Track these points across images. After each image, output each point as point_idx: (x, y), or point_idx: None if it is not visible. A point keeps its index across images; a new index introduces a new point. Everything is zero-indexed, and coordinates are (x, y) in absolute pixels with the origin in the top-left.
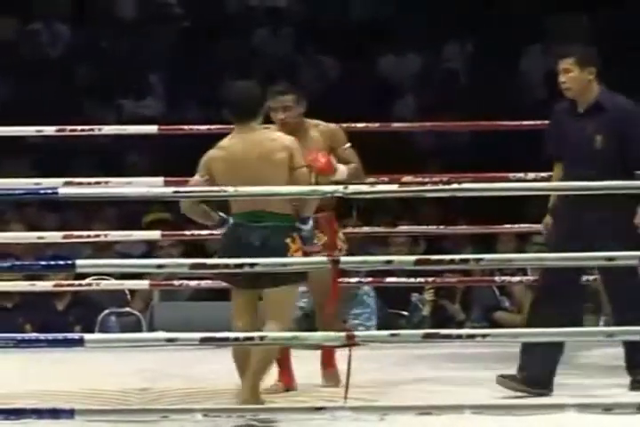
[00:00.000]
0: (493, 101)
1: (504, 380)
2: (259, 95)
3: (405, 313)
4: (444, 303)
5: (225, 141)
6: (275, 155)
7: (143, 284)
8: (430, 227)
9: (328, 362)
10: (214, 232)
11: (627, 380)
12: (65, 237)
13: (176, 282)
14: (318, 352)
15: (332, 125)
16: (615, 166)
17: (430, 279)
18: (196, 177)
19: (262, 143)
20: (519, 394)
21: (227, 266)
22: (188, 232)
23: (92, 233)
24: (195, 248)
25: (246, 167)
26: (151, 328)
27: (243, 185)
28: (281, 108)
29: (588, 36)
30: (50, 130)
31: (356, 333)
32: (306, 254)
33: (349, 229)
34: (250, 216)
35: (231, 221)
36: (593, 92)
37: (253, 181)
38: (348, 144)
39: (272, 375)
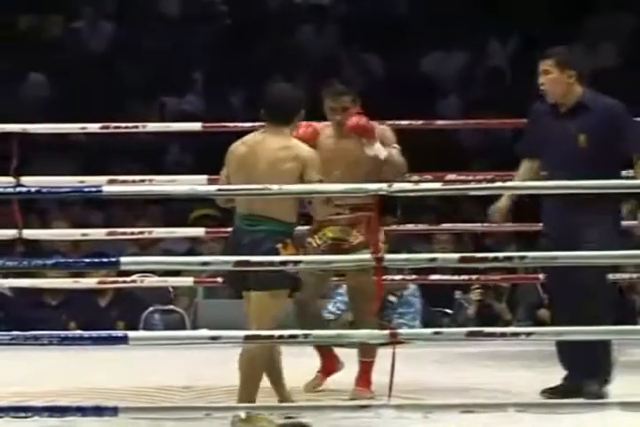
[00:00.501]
0: (537, 99)
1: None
2: (298, 100)
3: (449, 311)
4: (491, 303)
5: (249, 137)
6: (283, 164)
7: (187, 281)
8: (474, 224)
9: (363, 382)
10: None
11: None
12: (109, 234)
13: (220, 279)
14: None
15: (382, 126)
16: (598, 165)
17: (474, 277)
18: (223, 172)
19: (276, 150)
20: None
21: (271, 264)
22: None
23: (135, 230)
24: None
25: (253, 170)
26: (195, 326)
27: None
28: (340, 108)
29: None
30: (94, 127)
31: (400, 331)
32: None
33: (393, 227)
34: (246, 220)
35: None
36: (574, 94)
37: (253, 184)
38: (397, 146)
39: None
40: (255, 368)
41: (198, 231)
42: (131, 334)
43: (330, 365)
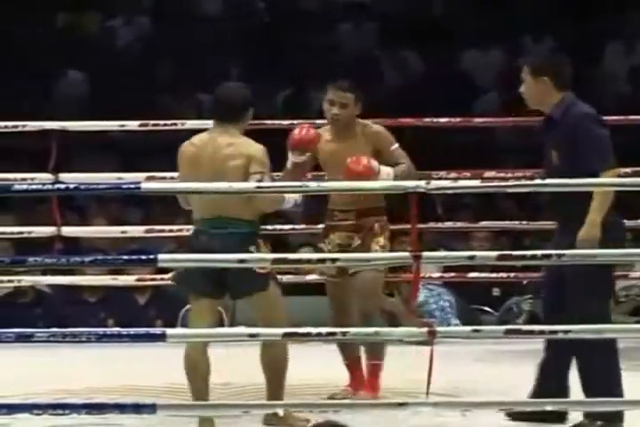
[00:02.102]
0: (582, 95)
1: None
2: (244, 98)
3: (488, 309)
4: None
5: (197, 138)
6: (230, 161)
7: None
8: (513, 222)
9: (371, 386)
10: (297, 227)
11: None
12: (147, 231)
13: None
14: (401, 348)
15: (377, 127)
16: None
17: (512, 275)
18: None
19: (222, 149)
20: None
21: (309, 261)
22: (270, 227)
23: (174, 227)
24: (278, 243)
25: (202, 169)
26: (233, 323)
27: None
28: (338, 103)
29: None
30: (133, 124)
31: (438, 328)
32: None
33: (432, 224)
34: (211, 223)
35: (194, 227)
36: (550, 103)
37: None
38: (396, 145)
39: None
40: (279, 368)
41: None
42: (169, 331)
43: (358, 382)
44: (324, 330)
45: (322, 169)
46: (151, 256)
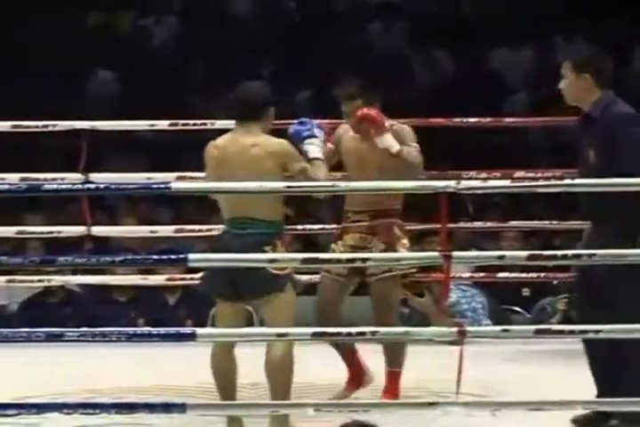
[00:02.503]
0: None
1: None
2: (264, 96)
3: (518, 309)
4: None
5: (220, 140)
6: (258, 163)
7: None
8: (543, 222)
9: (390, 393)
10: (326, 226)
11: None
12: (177, 231)
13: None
14: (432, 348)
15: (405, 126)
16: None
17: (542, 275)
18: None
19: (247, 150)
20: None
21: (339, 261)
22: (300, 226)
23: (204, 227)
24: (308, 242)
25: (230, 172)
26: (263, 323)
27: (224, 194)
28: (352, 112)
29: None
30: (163, 124)
31: (468, 328)
32: None
33: (462, 224)
34: (234, 223)
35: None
36: (590, 100)
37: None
38: (415, 144)
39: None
40: (286, 375)
41: None
42: (199, 330)
43: (357, 377)
44: (354, 330)
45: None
46: (181, 256)
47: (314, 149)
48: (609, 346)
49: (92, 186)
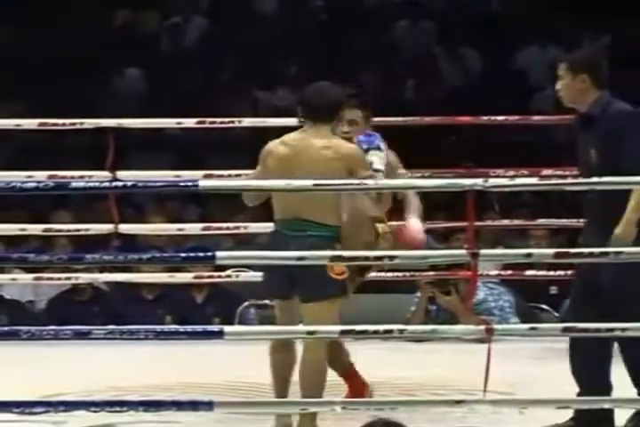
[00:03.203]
0: (635, 93)
1: None
2: (338, 98)
3: (545, 307)
4: None
5: (289, 137)
6: (327, 165)
7: None
8: (570, 220)
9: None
10: None
11: None
12: (204, 228)
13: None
14: (461, 346)
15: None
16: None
17: (570, 273)
18: (257, 169)
19: (318, 151)
20: None
21: (367, 259)
22: None
23: (231, 225)
24: None
25: (297, 171)
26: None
27: (284, 194)
28: (347, 121)
29: None
30: (190, 122)
31: (495, 326)
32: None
33: (489, 222)
34: (291, 225)
35: (273, 227)
36: (587, 101)
37: (295, 192)
38: (403, 171)
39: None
40: (320, 378)
41: None
42: (226, 328)
43: (357, 388)
44: (381, 328)
45: None
46: (209, 254)
47: (377, 160)
48: None
49: (120, 184)
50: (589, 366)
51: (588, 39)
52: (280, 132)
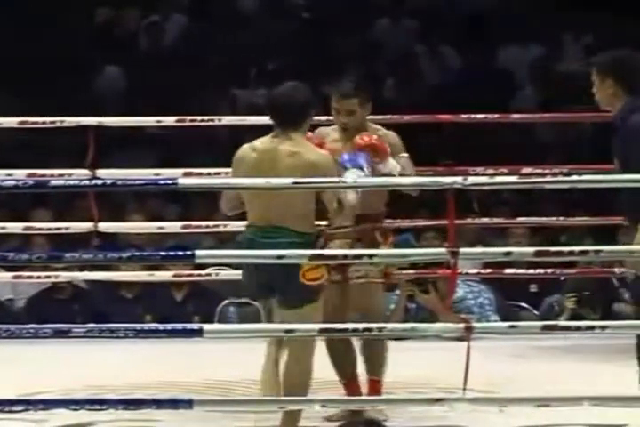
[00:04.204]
0: None
1: None
2: (305, 101)
3: (525, 305)
4: (584, 313)
5: (260, 142)
6: (293, 173)
7: None
8: (550, 218)
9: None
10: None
11: None
12: (184, 227)
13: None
14: (441, 344)
15: (390, 133)
16: (633, 193)
17: (549, 271)
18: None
19: (284, 159)
20: None
21: (345, 257)
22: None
23: (211, 223)
24: None
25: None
26: (270, 319)
27: (256, 200)
28: (345, 111)
29: None
30: (170, 120)
31: (475, 324)
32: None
33: (469, 220)
34: (264, 232)
35: (244, 233)
36: (617, 106)
37: (269, 198)
38: (406, 154)
39: None
40: (305, 380)
41: None
42: (206, 326)
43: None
44: (360, 326)
45: None
46: (189, 252)
47: (353, 177)
48: None
49: (99, 182)
50: None
51: (569, 38)
52: (259, 130)
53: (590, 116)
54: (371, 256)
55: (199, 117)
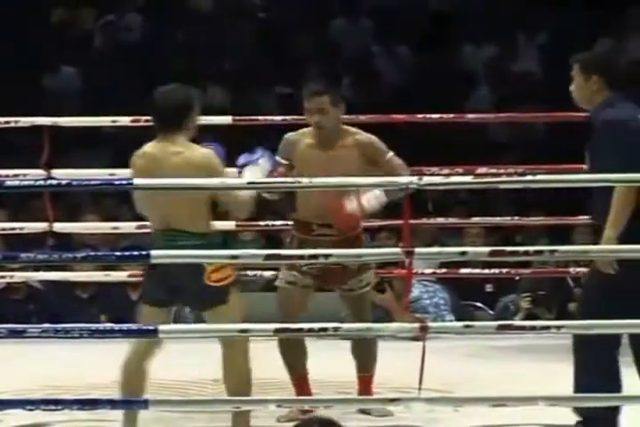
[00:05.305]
0: (569, 93)
1: None
2: (185, 102)
3: (480, 305)
4: (539, 313)
5: (148, 146)
6: (179, 173)
7: None
8: (505, 218)
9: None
10: (289, 223)
11: None
12: (139, 227)
13: (250, 272)
14: (394, 344)
15: (369, 136)
16: (601, 193)
17: (504, 271)
18: None
19: (170, 161)
20: None
21: (301, 257)
22: (262, 222)
23: None
24: (271, 239)
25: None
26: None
27: (152, 205)
28: (316, 110)
29: None
30: (125, 120)
31: (430, 324)
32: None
33: (424, 220)
34: (164, 235)
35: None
36: (598, 103)
37: (162, 202)
38: (390, 153)
39: None
40: (244, 380)
41: (229, 225)
42: (161, 327)
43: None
44: (316, 326)
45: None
46: (144, 253)
47: (247, 175)
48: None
49: (54, 182)
50: None
51: (523, 37)
52: (213, 129)
53: (544, 116)
54: (327, 256)
55: None
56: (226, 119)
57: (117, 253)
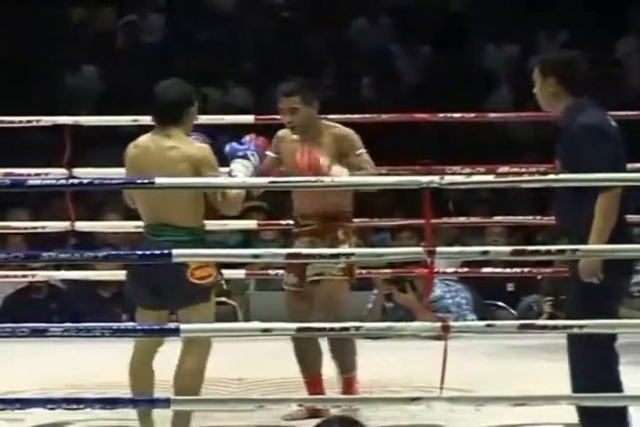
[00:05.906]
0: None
1: None
2: (183, 97)
3: (502, 304)
4: (561, 317)
5: (141, 139)
6: (174, 166)
7: (239, 273)
8: (526, 217)
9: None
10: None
11: None
12: None
13: (272, 271)
14: (418, 343)
15: (347, 130)
16: (575, 197)
17: (526, 270)
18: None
19: (164, 153)
20: None
21: (322, 256)
22: (283, 222)
23: None
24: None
25: (145, 173)
26: (247, 318)
27: (145, 196)
28: (287, 110)
29: None
30: (146, 119)
31: (452, 323)
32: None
33: (446, 220)
34: (153, 230)
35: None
36: (559, 106)
37: (155, 195)
38: (362, 150)
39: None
40: (196, 383)
41: (250, 224)
42: (182, 326)
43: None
44: (337, 325)
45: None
46: (165, 251)
47: (238, 168)
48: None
49: (76, 181)
50: None
51: (544, 36)
52: (235, 129)
53: None
54: (348, 255)
55: None
56: (248, 118)
57: (139, 252)
